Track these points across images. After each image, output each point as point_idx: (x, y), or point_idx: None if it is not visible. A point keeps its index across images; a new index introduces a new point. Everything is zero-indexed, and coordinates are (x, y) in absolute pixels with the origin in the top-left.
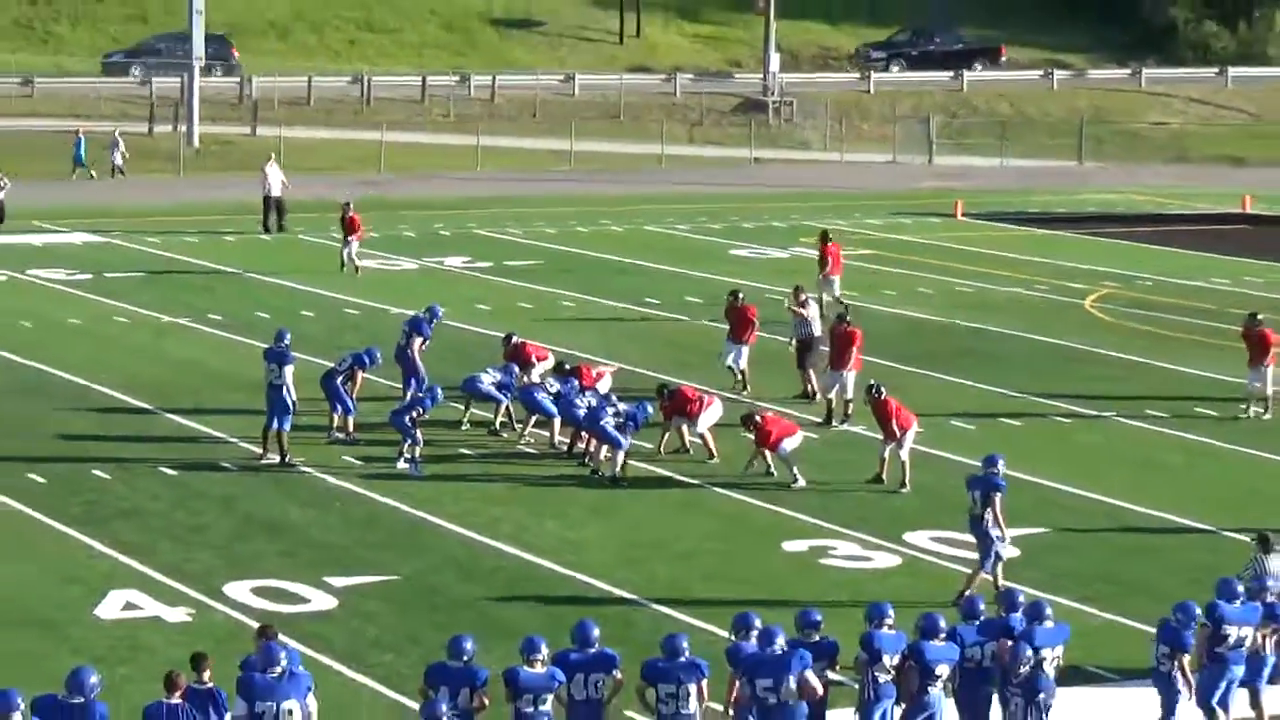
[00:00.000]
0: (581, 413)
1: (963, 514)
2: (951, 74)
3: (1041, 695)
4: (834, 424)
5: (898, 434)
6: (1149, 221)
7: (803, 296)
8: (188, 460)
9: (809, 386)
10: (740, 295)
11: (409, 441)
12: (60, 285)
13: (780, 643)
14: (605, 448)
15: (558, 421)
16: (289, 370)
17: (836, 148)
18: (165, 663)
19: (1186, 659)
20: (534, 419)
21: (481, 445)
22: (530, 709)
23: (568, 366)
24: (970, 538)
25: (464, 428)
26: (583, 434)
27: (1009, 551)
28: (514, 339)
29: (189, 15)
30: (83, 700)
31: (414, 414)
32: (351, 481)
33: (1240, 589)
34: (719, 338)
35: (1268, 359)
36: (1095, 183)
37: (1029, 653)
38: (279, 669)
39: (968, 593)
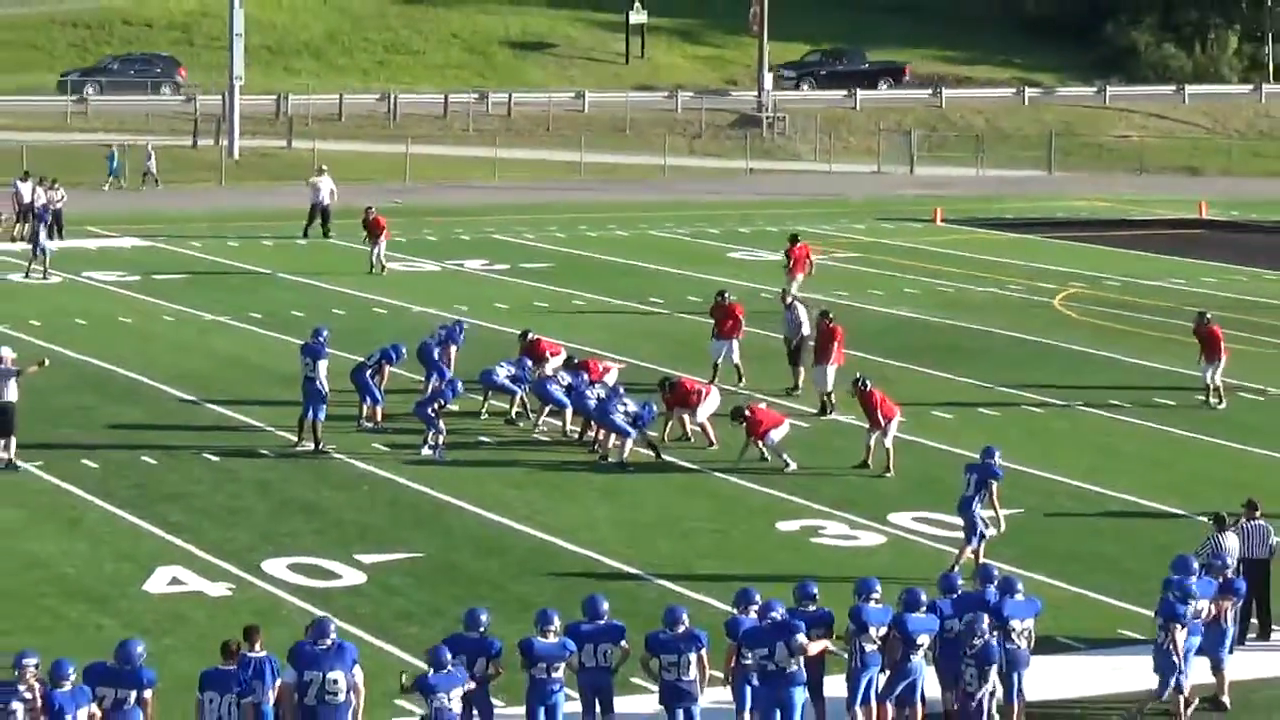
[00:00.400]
0: (592, 404)
1: (944, 496)
2: (930, 91)
3: (988, 666)
4: (828, 416)
5: (882, 423)
6: (1113, 226)
7: (789, 299)
8: (229, 447)
9: (798, 380)
10: (727, 294)
11: (432, 430)
12: (112, 286)
13: (778, 615)
14: (614, 436)
15: (569, 411)
16: (323, 365)
17: (825, 159)
18: (208, 634)
19: (1180, 633)
20: (547, 409)
21: (499, 433)
22: (544, 676)
23: (576, 361)
24: (955, 519)
25: (483, 417)
26: (592, 423)
27: (992, 532)
28: (529, 335)
29: (229, 37)
30: (131, 667)
31: (436, 405)
32: (379, 466)
33: (1196, 565)
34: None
35: (1220, 353)
36: (1064, 191)
37: (984, 625)
38: (328, 641)
39: (956, 568)
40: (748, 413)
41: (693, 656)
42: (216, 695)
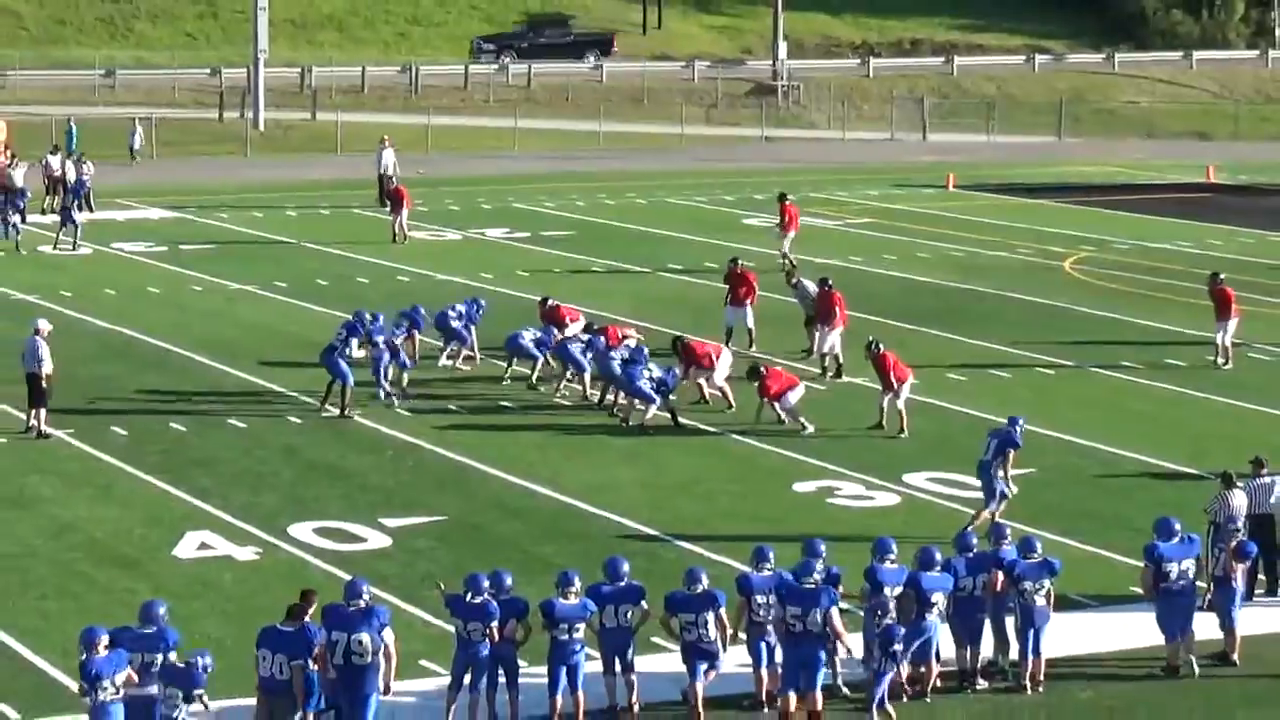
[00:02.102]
0: (616, 366)
1: (958, 457)
2: (943, 59)
3: (892, 647)
4: (827, 378)
5: (895, 385)
6: (1122, 191)
7: (794, 279)
8: (255, 413)
9: (813, 344)
10: (739, 261)
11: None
12: (140, 257)
13: (816, 576)
14: (637, 401)
15: (588, 375)
16: (355, 342)
17: (839, 127)
18: (235, 598)
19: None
20: (569, 373)
21: (520, 398)
22: (565, 637)
23: (595, 327)
24: (969, 479)
25: (505, 382)
26: (613, 387)
27: (1014, 489)
28: (549, 301)
29: (253, 11)
30: (156, 629)
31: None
32: (403, 431)
33: (1178, 526)
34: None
35: (1231, 313)
36: (1074, 156)
37: (889, 601)
38: (360, 603)
39: (969, 528)
40: (762, 370)
41: (710, 615)
42: (269, 653)
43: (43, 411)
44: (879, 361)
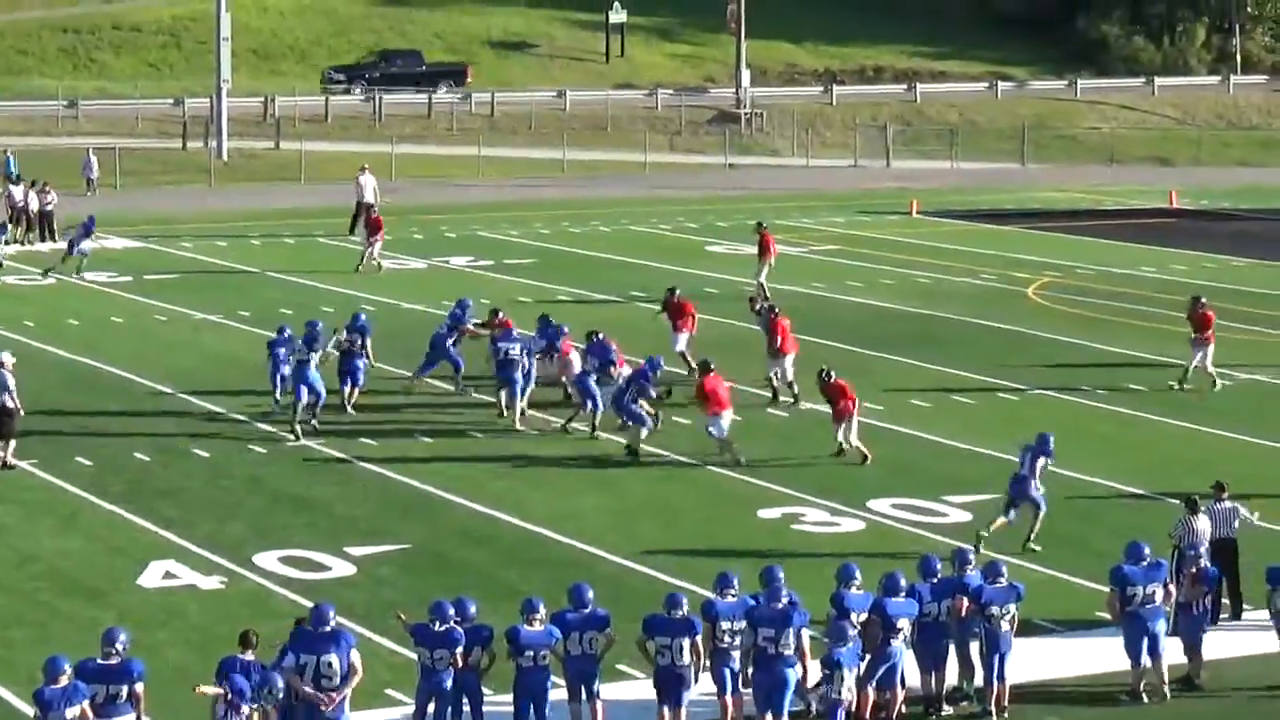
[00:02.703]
0: (593, 381)
1: (922, 483)
2: (905, 87)
3: (843, 670)
4: (782, 401)
5: (843, 415)
6: (1086, 216)
7: (758, 305)
8: (220, 443)
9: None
10: (676, 290)
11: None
12: (104, 287)
13: (784, 598)
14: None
15: (599, 413)
16: (316, 356)
17: (803, 154)
18: (201, 627)
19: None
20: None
21: (487, 425)
22: (530, 664)
23: (600, 335)
24: (931, 504)
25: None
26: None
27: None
28: (499, 314)
29: (216, 41)
30: (119, 660)
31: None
32: (367, 459)
33: (1146, 551)
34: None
35: (1210, 338)
36: (1037, 183)
37: (851, 630)
38: (327, 628)
39: (987, 533)
40: (712, 368)
41: (686, 642)
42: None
43: (12, 443)
44: (830, 389)
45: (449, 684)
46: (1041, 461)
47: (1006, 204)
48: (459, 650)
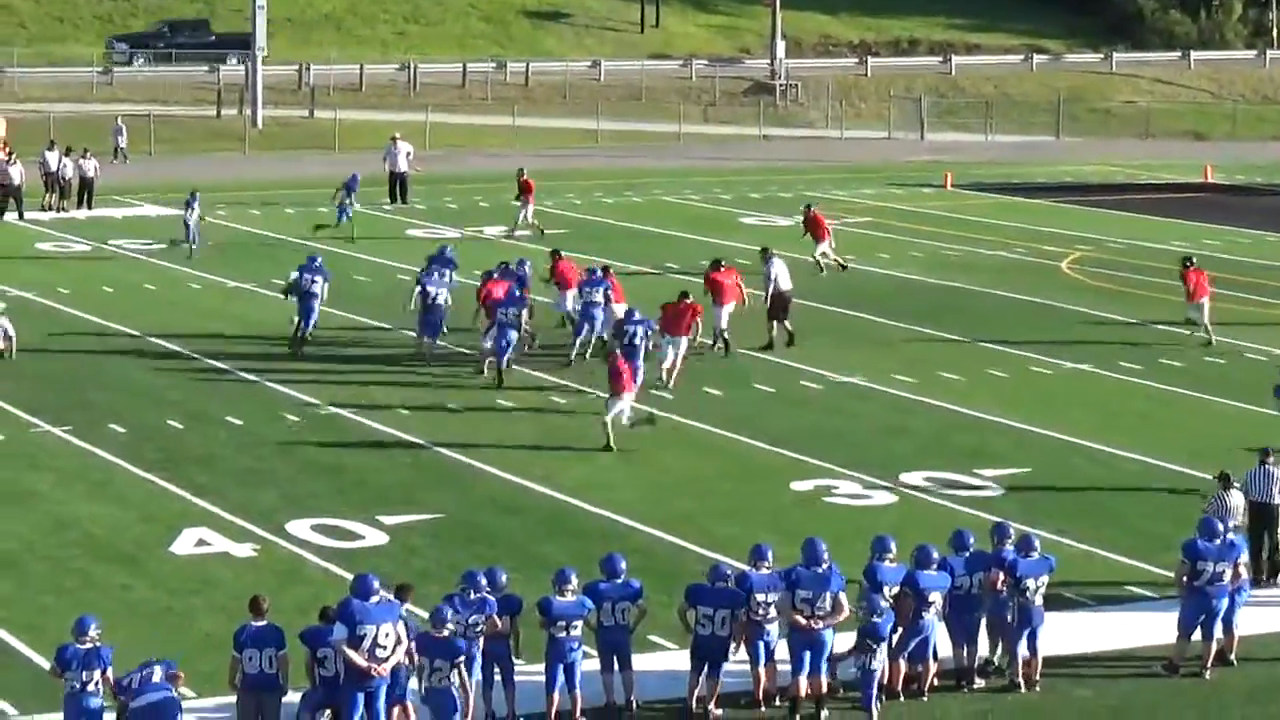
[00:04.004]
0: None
1: (954, 456)
2: (940, 59)
3: (878, 642)
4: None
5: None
6: (1119, 191)
7: (770, 253)
8: (253, 410)
9: (771, 338)
10: (722, 262)
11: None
12: (138, 254)
13: (825, 561)
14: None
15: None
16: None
17: (837, 126)
18: (233, 594)
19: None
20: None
21: (516, 395)
22: (562, 634)
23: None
24: (965, 478)
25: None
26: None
27: None
28: (559, 254)
29: (252, 9)
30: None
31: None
32: (400, 429)
33: (1221, 529)
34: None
35: (1204, 294)
36: (1071, 156)
37: (882, 602)
38: (376, 597)
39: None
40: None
41: (728, 613)
42: (256, 651)
43: None
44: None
45: (475, 653)
46: None
47: (1040, 177)
48: (494, 616)
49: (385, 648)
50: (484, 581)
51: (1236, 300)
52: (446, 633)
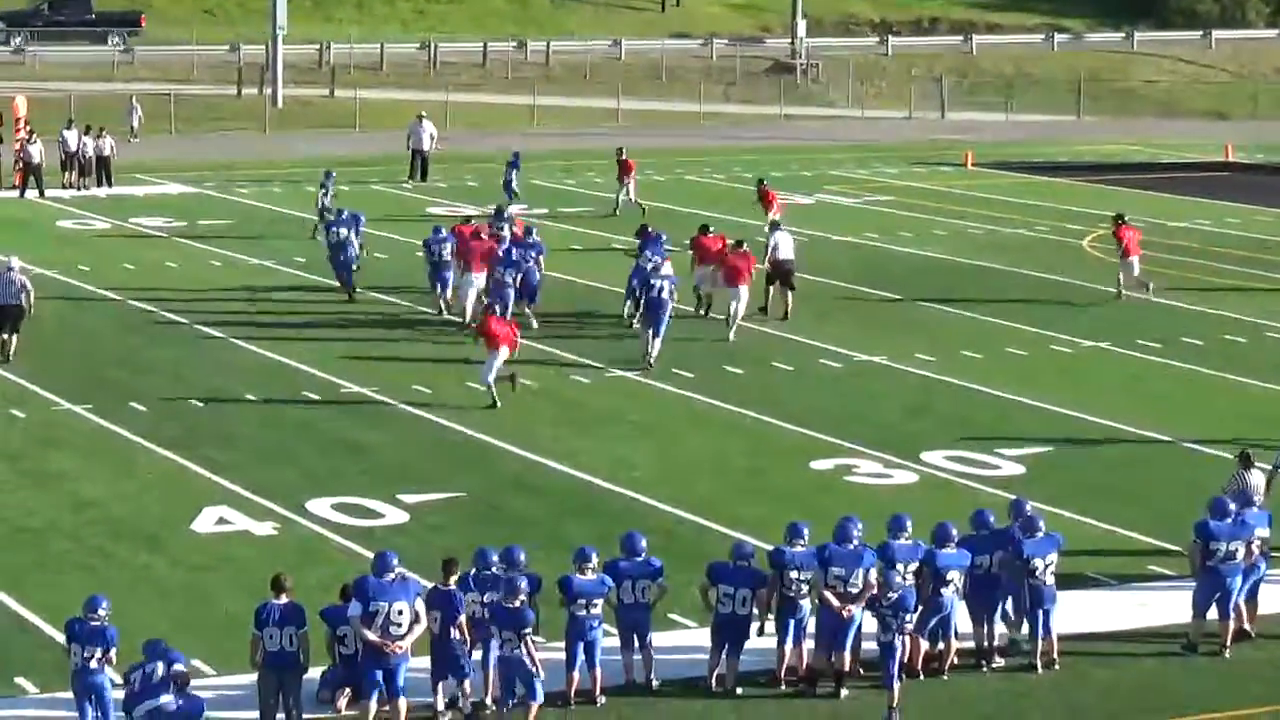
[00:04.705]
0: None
1: (975, 435)
2: (961, 38)
3: (905, 615)
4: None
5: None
6: (1141, 170)
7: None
8: (273, 389)
9: (768, 302)
10: (744, 243)
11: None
12: (159, 232)
13: (856, 540)
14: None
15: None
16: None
17: (858, 105)
18: (254, 573)
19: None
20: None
21: (539, 374)
22: (583, 612)
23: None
24: (986, 457)
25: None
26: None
27: None
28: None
29: None
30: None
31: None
32: (420, 408)
33: (1232, 508)
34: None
35: (1133, 253)
36: (1092, 135)
37: (898, 579)
38: (392, 574)
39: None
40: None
41: (749, 592)
42: (277, 630)
43: (15, 339)
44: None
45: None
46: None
47: (1061, 157)
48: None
49: (399, 625)
50: (495, 558)
51: (1257, 280)
52: (518, 603)
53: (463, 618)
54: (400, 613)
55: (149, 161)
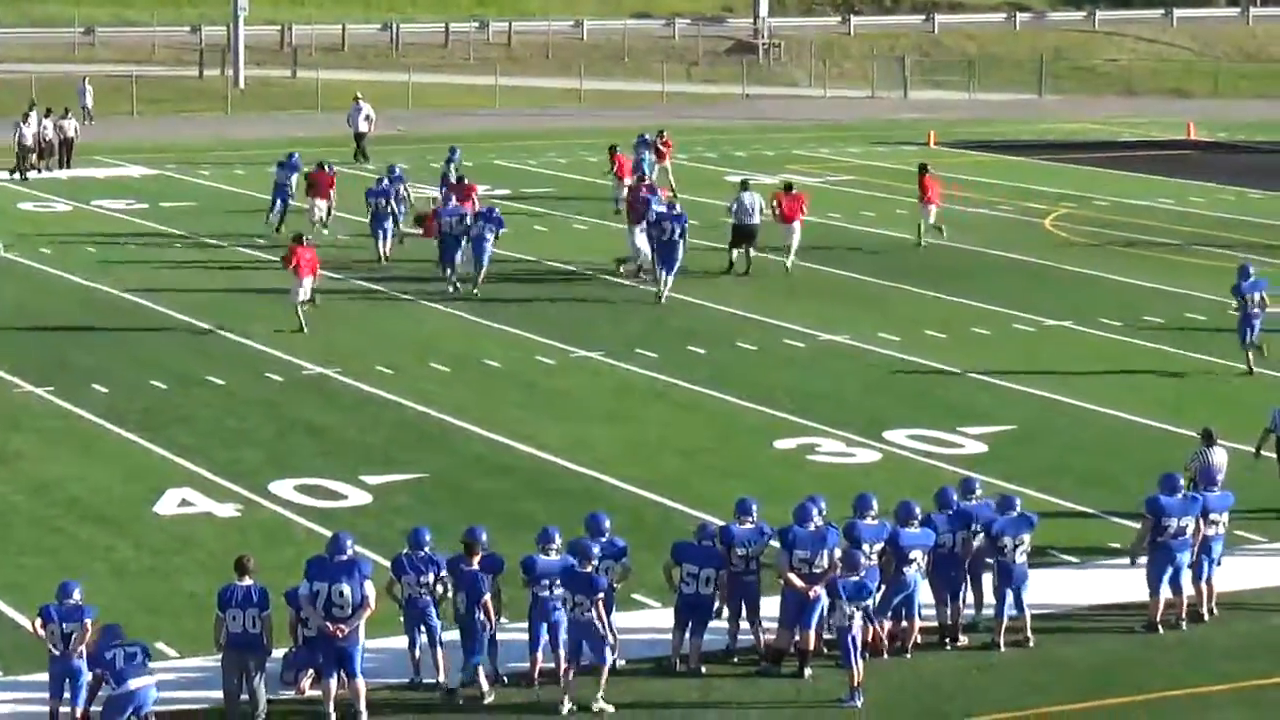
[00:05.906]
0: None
1: (938, 414)
2: (924, 17)
3: (863, 601)
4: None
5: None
6: (1103, 148)
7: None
8: (235, 371)
9: (731, 261)
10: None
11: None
12: (121, 214)
13: (817, 520)
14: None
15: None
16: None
17: (820, 84)
18: (217, 554)
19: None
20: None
21: (502, 357)
22: (546, 593)
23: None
24: (949, 435)
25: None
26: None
27: None
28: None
29: None
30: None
31: None
32: (384, 389)
33: (1181, 483)
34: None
35: (932, 200)
36: (1054, 114)
37: (862, 559)
38: (343, 556)
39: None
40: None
41: (712, 572)
42: (239, 611)
43: None
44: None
45: (433, 613)
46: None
47: (1024, 135)
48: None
49: (341, 607)
50: (428, 538)
51: (1221, 257)
52: (590, 569)
53: (487, 597)
54: (341, 594)
55: (110, 143)
